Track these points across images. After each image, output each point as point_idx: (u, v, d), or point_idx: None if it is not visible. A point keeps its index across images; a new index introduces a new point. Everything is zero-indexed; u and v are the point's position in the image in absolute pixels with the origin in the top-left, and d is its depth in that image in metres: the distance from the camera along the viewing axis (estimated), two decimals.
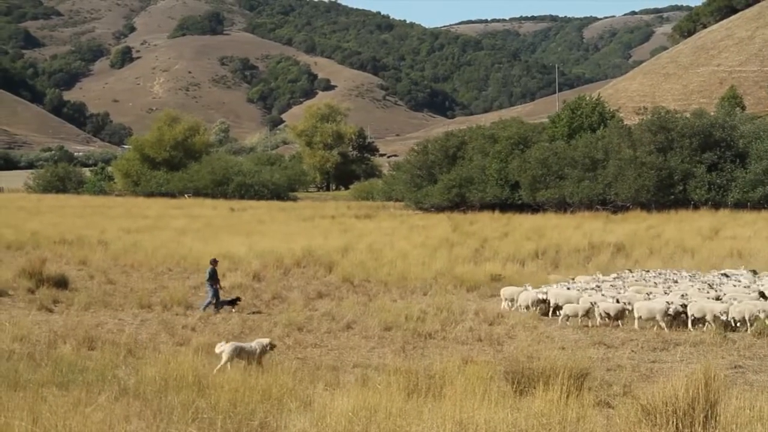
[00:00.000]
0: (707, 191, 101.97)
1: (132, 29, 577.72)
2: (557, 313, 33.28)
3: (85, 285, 41.15)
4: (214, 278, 35.58)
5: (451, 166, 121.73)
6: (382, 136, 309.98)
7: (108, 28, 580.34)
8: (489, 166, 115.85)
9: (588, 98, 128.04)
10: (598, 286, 35.03)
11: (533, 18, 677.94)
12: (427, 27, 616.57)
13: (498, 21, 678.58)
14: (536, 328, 30.59)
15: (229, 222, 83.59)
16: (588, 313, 31.87)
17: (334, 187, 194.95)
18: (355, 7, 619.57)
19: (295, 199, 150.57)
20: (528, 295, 34.60)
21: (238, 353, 22.92)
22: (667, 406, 14.59)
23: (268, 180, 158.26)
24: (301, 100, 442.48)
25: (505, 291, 36.14)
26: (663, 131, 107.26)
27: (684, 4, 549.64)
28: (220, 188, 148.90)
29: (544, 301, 34.19)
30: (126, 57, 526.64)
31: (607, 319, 31.71)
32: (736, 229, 67.12)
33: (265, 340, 23.48)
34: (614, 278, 38.74)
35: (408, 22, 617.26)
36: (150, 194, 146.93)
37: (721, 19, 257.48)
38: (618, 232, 64.16)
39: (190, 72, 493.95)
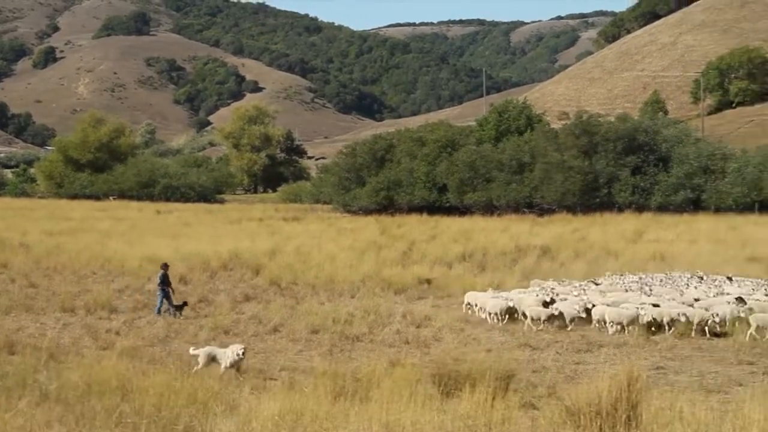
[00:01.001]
0: (631, 194, 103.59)
1: (55, 29, 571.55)
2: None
3: (6, 288, 40.68)
4: (165, 282, 35.30)
5: (379, 168, 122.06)
6: (311, 138, 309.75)
7: (31, 27, 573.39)
8: (417, 168, 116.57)
9: (515, 102, 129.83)
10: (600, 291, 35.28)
11: (461, 22, 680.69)
12: (355, 30, 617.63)
13: (426, 24, 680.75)
14: (463, 330, 30.70)
15: (154, 224, 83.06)
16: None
17: (261, 190, 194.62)
18: (283, 9, 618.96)
19: (222, 202, 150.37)
20: (497, 303, 33.43)
21: (213, 358, 22.79)
22: (590, 407, 14.73)
23: (194, 182, 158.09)
24: (228, 102, 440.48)
25: (469, 296, 35.64)
26: (586, 135, 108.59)
27: (609, 10, 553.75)
28: (146, 190, 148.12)
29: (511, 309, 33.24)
30: (49, 57, 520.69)
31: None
32: (659, 232, 67.89)
33: (239, 346, 23.19)
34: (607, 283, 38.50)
35: (336, 24, 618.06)
36: (74, 196, 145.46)
37: (645, 24, 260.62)
38: (544, 235, 64.57)
39: (115, 73, 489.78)
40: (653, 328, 30.27)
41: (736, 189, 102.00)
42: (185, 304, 35.07)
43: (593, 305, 31.87)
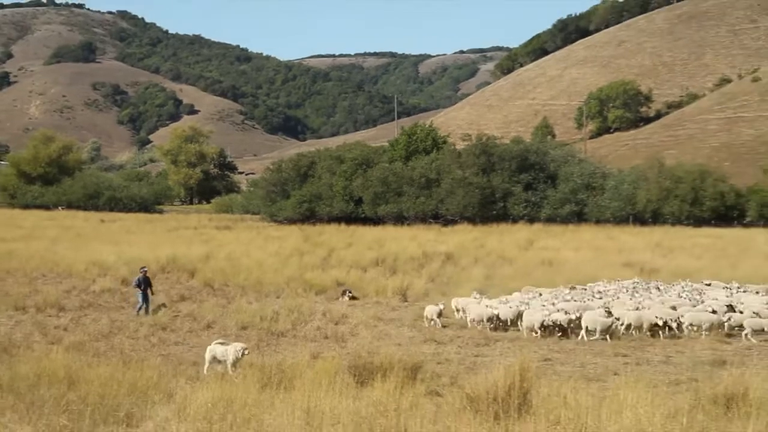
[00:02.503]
0: (524, 208, 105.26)
1: (10, 56, 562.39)
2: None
3: None
4: (146, 284, 34.72)
5: (302, 183, 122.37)
6: (241, 155, 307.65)
7: None
8: (336, 183, 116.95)
9: (423, 125, 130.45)
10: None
11: (375, 54, 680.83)
12: (281, 59, 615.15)
13: (344, 56, 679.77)
14: (376, 327, 30.68)
15: (99, 232, 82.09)
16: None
17: (196, 202, 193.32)
18: (216, 40, 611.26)
19: (161, 212, 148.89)
20: (482, 311, 31.63)
21: (214, 357, 22.35)
22: (488, 394, 14.80)
23: (136, 194, 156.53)
24: (167, 122, 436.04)
25: (456, 301, 34.50)
26: (485, 155, 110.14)
27: (504, 45, 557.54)
28: (92, 201, 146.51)
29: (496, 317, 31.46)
30: (4, 81, 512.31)
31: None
32: (548, 241, 68.50)
33: (241, 345, 22.68)
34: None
35: (264, 54, 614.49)
36: (26, 206, 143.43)
37: (536, 59, 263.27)
38: (448, 243, 64.79)
39: (64, 96, 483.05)
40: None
41: (613, 203, 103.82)
42: (164, 305, 34.63)
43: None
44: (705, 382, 18.08)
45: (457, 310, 33.73)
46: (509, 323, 31.28)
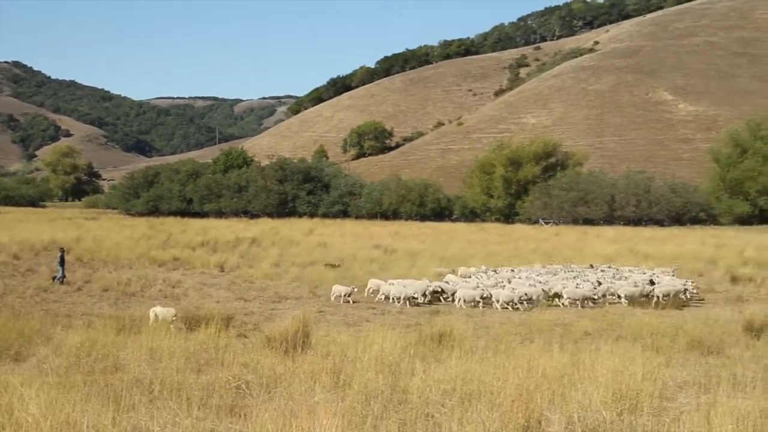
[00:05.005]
0: (307, 207, 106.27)
1: None
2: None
3: None
4: (62, 260, 32.44)
5: (149, 187, 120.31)
6: (104, 167, 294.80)
7: None
8: (173, 188, 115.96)
9: (237, 149, 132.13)
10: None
11: (204, 97, 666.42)
12: (135, 99, 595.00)
13: (181, 98, 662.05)
14: (202, 289, 30.02)
15: None
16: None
17: (71, 200, 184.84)
18: (87, 84, 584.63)
19: (44, 207, 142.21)
20: (467, 293, 27.01)
21: (156, 315, 20.82)
22: (281, 335, 14.75)
23: (25, 193, 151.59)
24: (49, 142, 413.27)
25: (448, 277, 31.20)
26: (281, 170, 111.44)
27: (294, 94, 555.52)
28: None
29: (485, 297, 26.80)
30: None
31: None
32: (323, 229, 68.96)
33: (173, 310, 21.18)
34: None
35: (123, 95, 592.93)
36: None
37: (316, 104, 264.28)
38: (253, 231, 64.20)
39: None
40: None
41: (367, 205, 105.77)
42: (64, 277, 32.41)
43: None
44: (426, 325, 18.55)
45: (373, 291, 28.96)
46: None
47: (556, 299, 27.43)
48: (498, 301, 26.40)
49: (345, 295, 27.40)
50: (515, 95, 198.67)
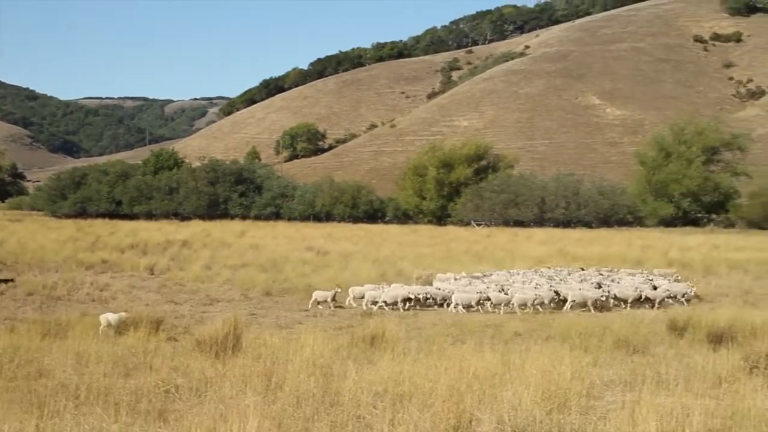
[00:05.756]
0: (239, 208, 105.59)
1: None
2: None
3: None
4: None
5: (77, 188, 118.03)
6: (30, 168, 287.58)
7: None
8: (102, 189, 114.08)
9: (167, 150, 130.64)
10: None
11: (133, 97, 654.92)
12: (61, 99, 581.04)
13: (110, 98, 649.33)
14: (131, 292, 29.45)
15: None
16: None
17: None
18: (10, 83, 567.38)
19: None
20: (464, 296, 25.84)
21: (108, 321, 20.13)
22: (211, 338, 14.59)
23: None
24: None
25: (439, 277, 29.72)
26: (213, 171, 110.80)
27: (226, 95, 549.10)
28: None
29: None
30: None
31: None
32: (256, 232, 68.46)
33: (124, 314, 20.42)
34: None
35: (49, 95, 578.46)
36: None
37: (248, 106, 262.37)
38: (184, 233, 63.33)
39: None
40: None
41: (300, 207, 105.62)
42: (12, 280, 31.21)
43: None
44: (358, 328, 18.56)
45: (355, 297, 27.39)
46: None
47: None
48: (515, 304, 25.31)
49: (329, 300, 26.28)
50: (447, 98, 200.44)
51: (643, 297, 27.27)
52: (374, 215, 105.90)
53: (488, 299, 25.76)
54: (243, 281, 32.06)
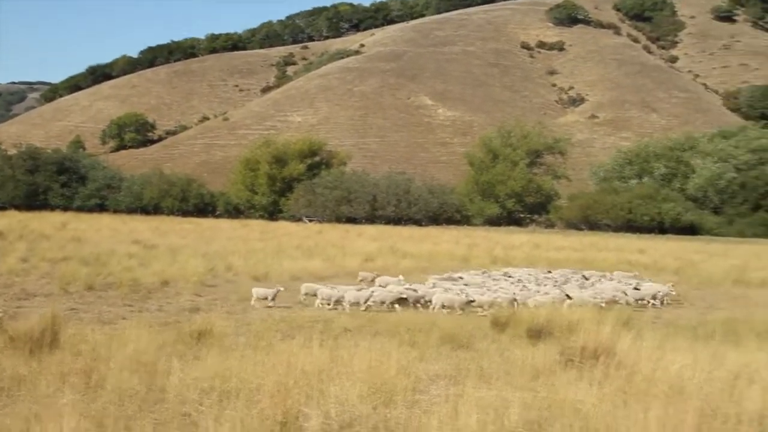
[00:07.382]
0: (61, 199, 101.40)
1: None
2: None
3: None
4: None
5: None
6: None
7: None
8: None
9: None
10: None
11: None
12: None
13: None
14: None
15: None
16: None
17: None
18: None
19: None
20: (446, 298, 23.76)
21: None
22: (26, 335, 13.88)
23: None
24: None
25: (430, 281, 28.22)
26: (32, 159, 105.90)
27: (48, 81, 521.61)
28: None
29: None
30: None
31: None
32: (78, 224, 65.71)
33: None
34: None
35: None
36: None
37: (72, 93, 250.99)
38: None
39: None
40: None
41: (127, 199, 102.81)
42: None
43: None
44: (185, 323, 18.18)
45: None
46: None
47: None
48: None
49: (269, 299, 24.51)
50: (282, 93, 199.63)
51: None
52: (205, 209, 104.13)
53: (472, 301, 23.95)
54: (63, 275, 30.56)
